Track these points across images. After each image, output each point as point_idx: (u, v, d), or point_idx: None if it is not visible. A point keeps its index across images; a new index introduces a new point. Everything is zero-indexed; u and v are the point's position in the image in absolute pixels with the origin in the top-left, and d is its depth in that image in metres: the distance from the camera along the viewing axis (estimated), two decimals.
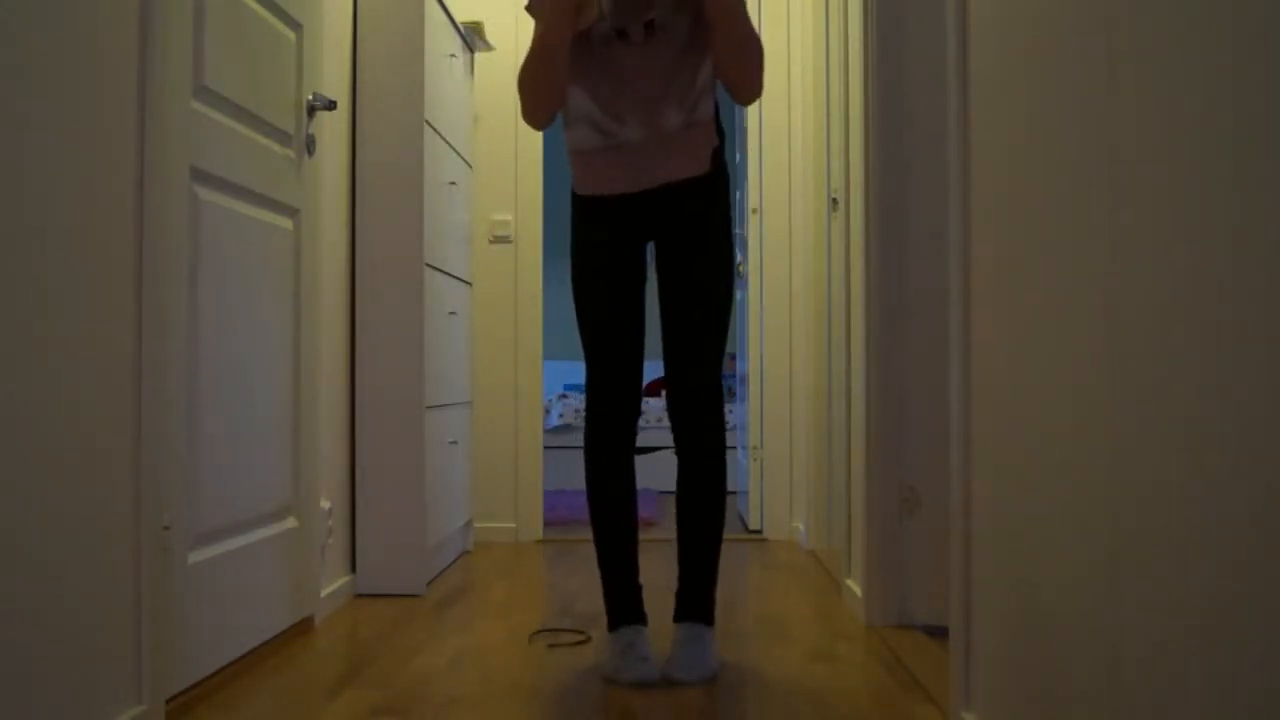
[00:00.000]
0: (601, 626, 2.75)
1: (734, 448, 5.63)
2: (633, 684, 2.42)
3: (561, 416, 6.95)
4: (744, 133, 5.01)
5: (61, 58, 1.73)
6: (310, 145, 2.94)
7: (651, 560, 2.99)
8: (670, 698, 2.34)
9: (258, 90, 2.61)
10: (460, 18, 4.16)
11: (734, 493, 5.41)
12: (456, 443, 4.01)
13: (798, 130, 4.56)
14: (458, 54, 4.07)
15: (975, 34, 1.89)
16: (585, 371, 2.62)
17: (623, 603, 2.58)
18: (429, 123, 3.53)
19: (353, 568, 3.42)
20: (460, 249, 4.12)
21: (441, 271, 3.75)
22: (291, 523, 2.82)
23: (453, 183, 3.96)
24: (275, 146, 2.72)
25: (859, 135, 3.07)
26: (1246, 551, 1.01)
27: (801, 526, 4.49)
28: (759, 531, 4.75)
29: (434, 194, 3.62)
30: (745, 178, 4.94)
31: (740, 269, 5.06)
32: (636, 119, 2.45)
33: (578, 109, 2.49)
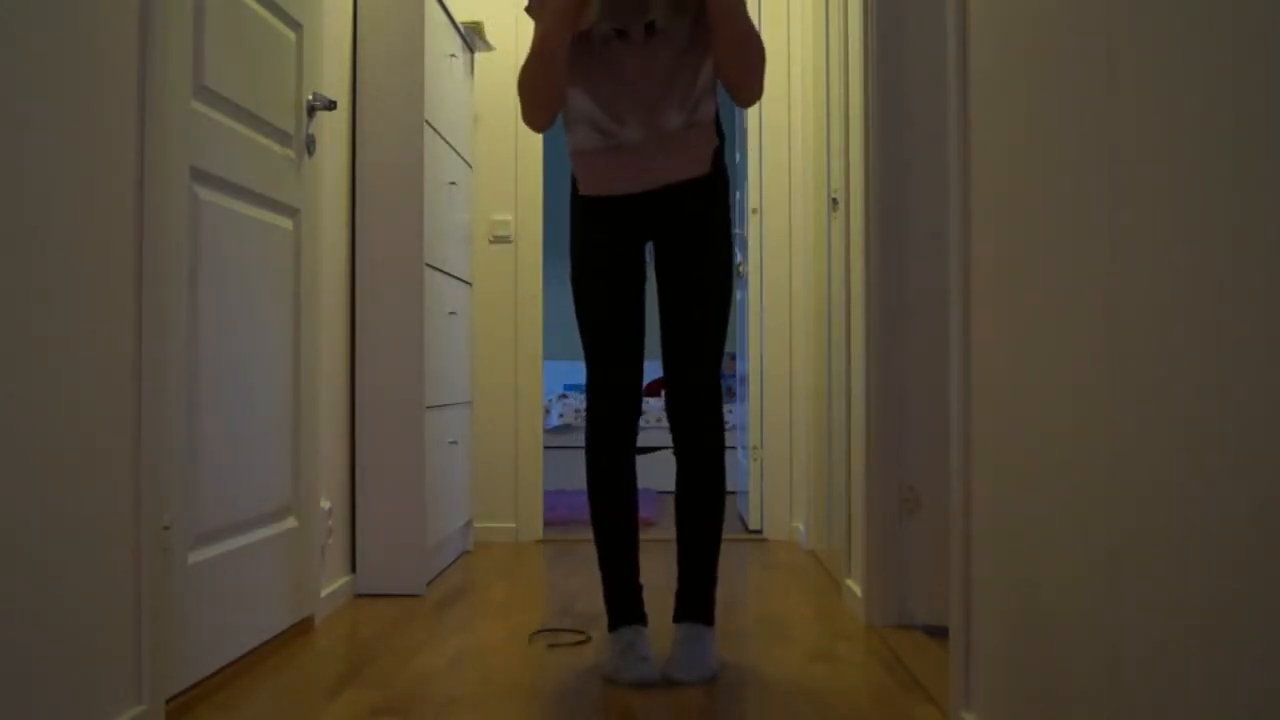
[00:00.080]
0: (601, 626, 2.75)
1: (734, 448, 5.62)
2: (633, 684, 2.42)
3: (561, 416, 6.95)
4: (744, 133, 5.01)
5: (61, 58, 1.73)
6: (310, 145, 2.94)
7: (651, 560, 2.99)
8: (670, 698, 2.34)
9: (258, 90, 2.61)
10: (460, 18, 4.16)
11: (734, 493, 5.41)
12: (456, 443, 4.01)
13: (798, 130, 4.56)
14: (458, 54, 4.07)
15: (975, 34, 1.89)
16: (585, 372, 2.62)
17: (623, 603, 2.58)
18: (429, 123, 3.53)
19: (353, 568, 3.43)
20: (460, 249, 4.12)
21: (441, 271, 3.76)
22: (291, 523, 2.83)
23: (453, 183, 3.96)
24: (275, 146, 2.72)
25: (859, 135, 3.07)
26: (1246, 551, 1.01)
27: (801, 526, 4.49)
28: (759, 531, 4.75)
29: (434, 194, 3.62)
30: (745, 178, 4.94)
31: (740, 269, 5.06)
32: (637, 119, 2.46)
33: (578, 110, 2.49)
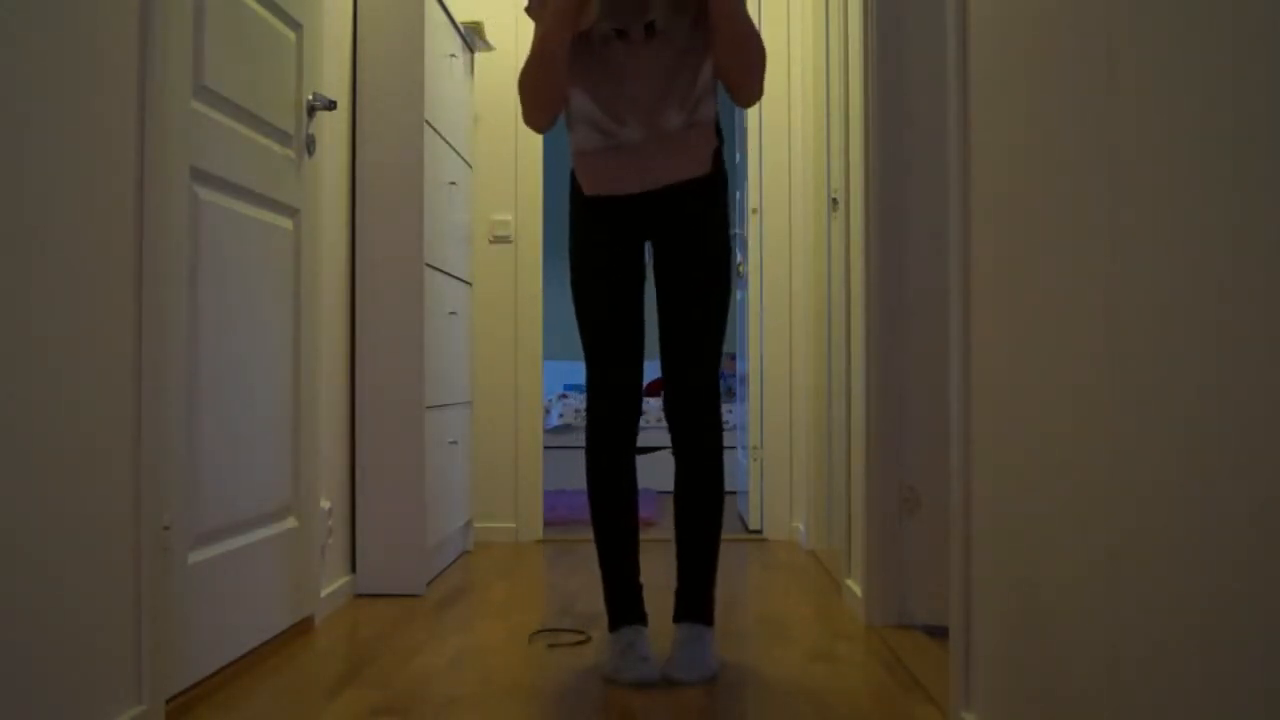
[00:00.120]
0: (601, 626, 2.75)
1: (734, 448, 5.62)
2: (633, 684, 2.42)
3: (561, 416, 6.95)
4: (744, 133, 5.01)
5: (61, 58, 1.73)
6: (310, 145, 2.94)
7: (651, 560, 2.99)
8: (670, 698, 2.34)
9: (258, 90, 2.61)
10: (460, 18, 4.16)
11: (734, 493, 5.41)
12: (456, 443, 4.01)
13: (798, 130, 4.56)
14: (458, 54, 4.07)
15: (975, 34, 1.89)
16: (585, 372, 2.61)
17: (623, 603, 2.58)
18: (429, 123, 3.53)
19: (353, 568, 3.42)
20: (460, 249, 4.12)
21: (441, 271, 3.76)
22: (291, 523, 2.83)
23: (453, 183, 3.96)
24: (275, 146, 2.72)
25: (859, 135, 3.07)
26: (1246, 551, 1.01)
27: (801, 526, 4.49)
28: (759, 531, 4.75)
29: (434, 194, 3.62)
30: (745, 178, 4.94)
31: (740, 269, 5.05)
32: (637, 120, 2.46)
33: (579, 110, 2.49)
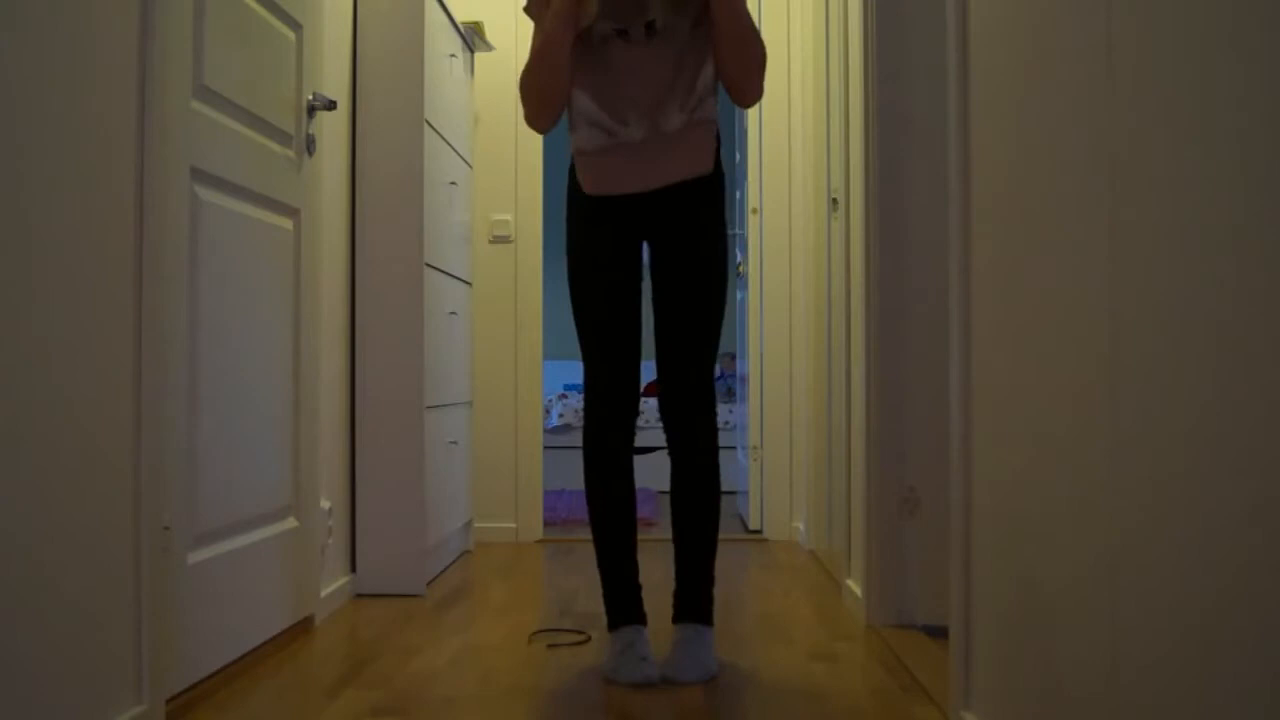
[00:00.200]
0: (601, 626, 2.75)
1: (734, 448, 5.62)
2: (632, 684, 2.42)
3: (561, 416, 6.95)
4: (744, 133, 5.01)
5: (61, 57, 1.73)
6: (310, 145, 2.94)
7: (651, 560, 2.99)
8: (670, 698, 2.34)
9: (258, 90, 2.61)
10: (460, 18, 4.16)
11: (734, 493, 5.41)
12: (456, 443, 4.01)
13: (798, 130, 4.56)
14: (458, 54, 4.07)
15: (975, 34, 1.89)
16: (583, 371, 2.61)
17: (622, 603, 2.58)
18: (429, 123, 3.53)
19: (353, 568, 3.42)
20: (460, 249, 4.12)
21: (441, 271, 3.75)
22: (291, 523, 2.82)
23: (453, 183, 3.96)
24: (275, 146, 2.72)
25: (859, 135, 3.07)
26: (1246, 551, 1.01)
27: (801, 526, 4.49)
28: (759, 531, 4.75)
29: (434, 194, 3.62)
30: (745, 178, 4.94)
31: (740, 269, 5.05)
32: (638, 119, 2.45)
33: (581, 110, 2.49)
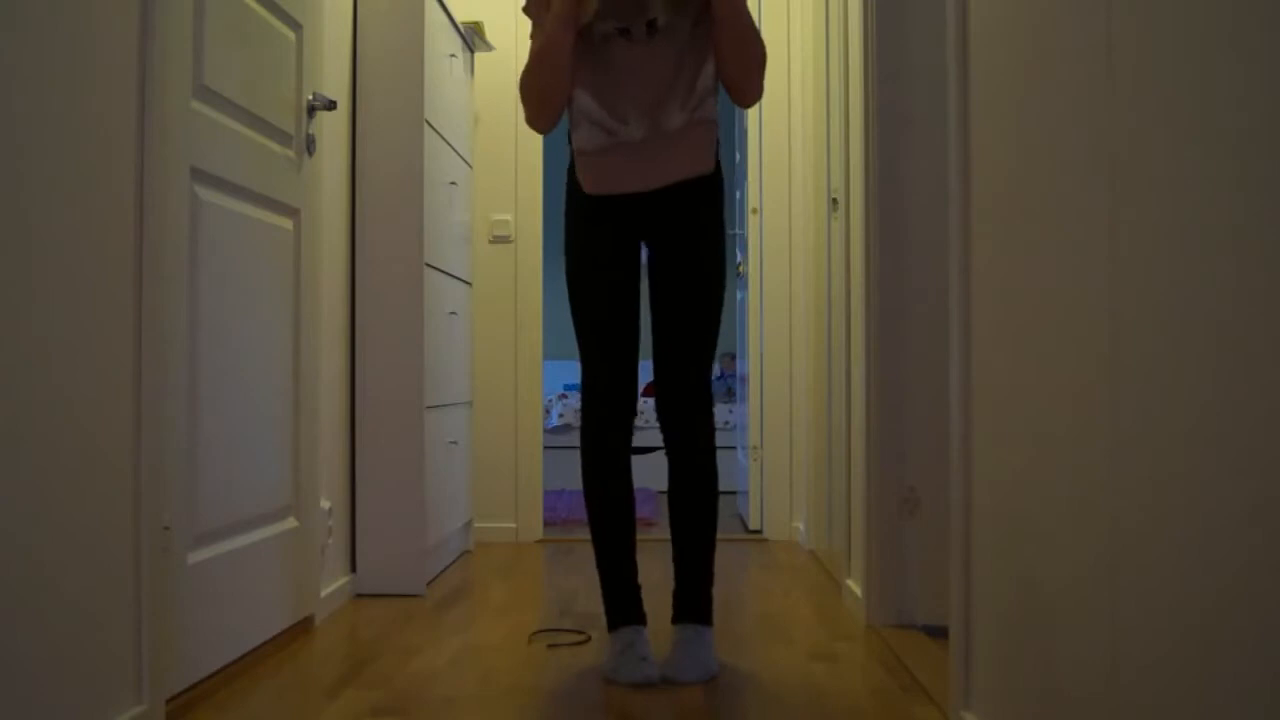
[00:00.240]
0: (601, 627, 2.75)
1: (734, 448, 5.62)
2: (632, 684, 2.42)
3: (561, 416, 6.95)
4: (744, 133, 5.01)
5: (61, 57, 1.73)
6: (310, 145, 2.94)
7: (651, 560, 2.99)
8: (670, 698, 2.34)
9: (258, 90, 2.61)
10: (460, 18, 4.16)
11: (734, 493, 5.41)
12: (456, 443, 4.01)
13: (798, 130, 4.56)
14: (458, 54, 4.07)
15: (975, 34, 1.89)
16: (581, 371, 2.60)
17: (622, 603, 2.58)
18: (429, 123, 3.53)
19: (353, 568, 3.42)
20: (460, 249, 4.12)
21: (441, 271, 3.75)
22: (291, 523, 2.82)
23: (453, 183, 3.96)
24: (275, 146, 2.72)
25: (859, 135, 3.07)
26: (1246, 551, 1.01)
27: (801, 526, 4.49)
28: (759, 531, 4.75)
29: (434, 194, 3.62)
30: (745, 178, 4.94)
31: (740, 269, 5.05)
32: (640, 118, 2.45)
33: (582, 110, 2.48)
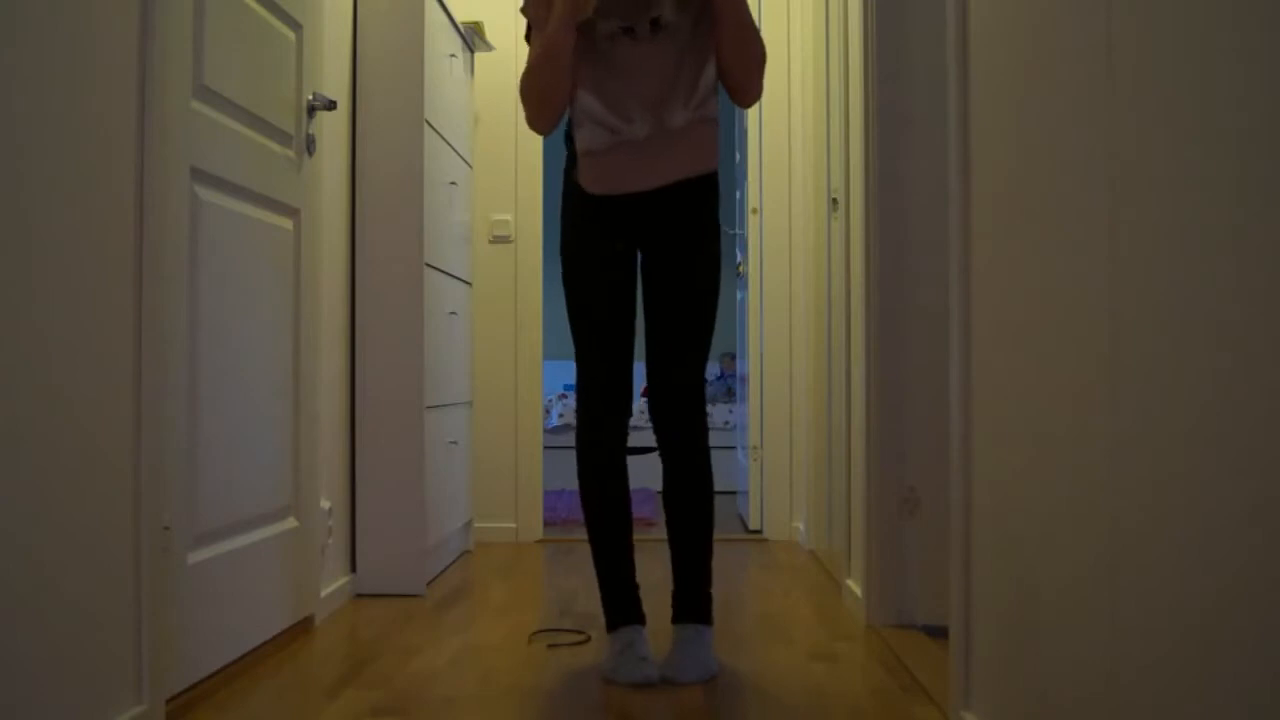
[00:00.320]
0: (601, 627, 2.75)
1: (734, 448, 5.62)
2: (632, 684, 2.42)
3: (561, 416, 6.95)
4: (744, 133, 5.01)
5: (61, 57, 1.73)
6: (310, 145, 2.94)
7: (651, 560, 2.99)
8: (670, 698, 2.34)
9: (258, 90, 2.61)
10: (460, 18, 4.16)
11: (734, 493, 5.41)
12: (456, 443, 4.01)
13: (798, 130, 4.56)
14: (458, 54, 4.07)
15: (975, 34, 1.89)
16: (577, 371, 2.59)
17: (620, 603, 2.58)
18: (429, 123, 3.53)
19: (353, 568, 3.42)
20: (460, 249, 4.12)
21: (441, 271, 3.75)
22: (291, 523, 2.82)
23: (453, 183, 3.96)
24: (275, 146, 2.72)
25: (859, 135, 3.07)
26: (1246, 551, 1.01)
27: (801, 526, 4.49)
28: (759, 531, 4.75)
29: (434, 194, 3.62)
30: (745, 178, 4.93)
31: (740, 269, 5.05)
32: (643, 116, 2.45)
33: (585, 109, 2.48)
